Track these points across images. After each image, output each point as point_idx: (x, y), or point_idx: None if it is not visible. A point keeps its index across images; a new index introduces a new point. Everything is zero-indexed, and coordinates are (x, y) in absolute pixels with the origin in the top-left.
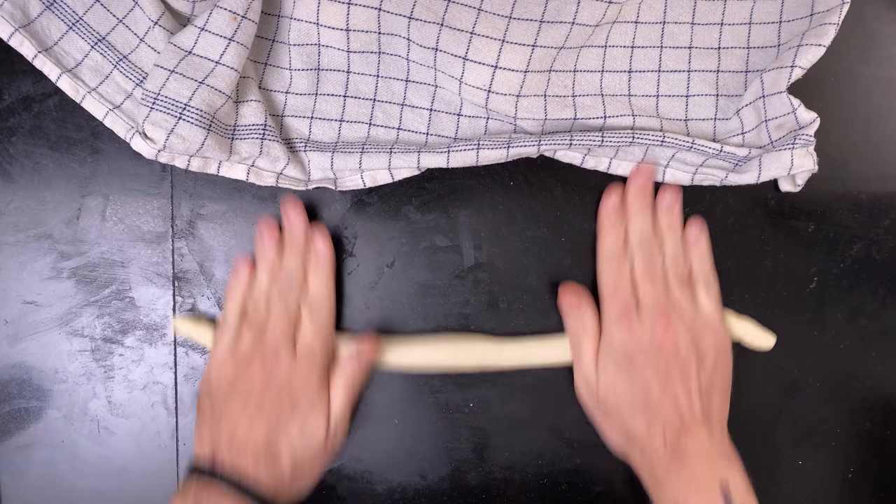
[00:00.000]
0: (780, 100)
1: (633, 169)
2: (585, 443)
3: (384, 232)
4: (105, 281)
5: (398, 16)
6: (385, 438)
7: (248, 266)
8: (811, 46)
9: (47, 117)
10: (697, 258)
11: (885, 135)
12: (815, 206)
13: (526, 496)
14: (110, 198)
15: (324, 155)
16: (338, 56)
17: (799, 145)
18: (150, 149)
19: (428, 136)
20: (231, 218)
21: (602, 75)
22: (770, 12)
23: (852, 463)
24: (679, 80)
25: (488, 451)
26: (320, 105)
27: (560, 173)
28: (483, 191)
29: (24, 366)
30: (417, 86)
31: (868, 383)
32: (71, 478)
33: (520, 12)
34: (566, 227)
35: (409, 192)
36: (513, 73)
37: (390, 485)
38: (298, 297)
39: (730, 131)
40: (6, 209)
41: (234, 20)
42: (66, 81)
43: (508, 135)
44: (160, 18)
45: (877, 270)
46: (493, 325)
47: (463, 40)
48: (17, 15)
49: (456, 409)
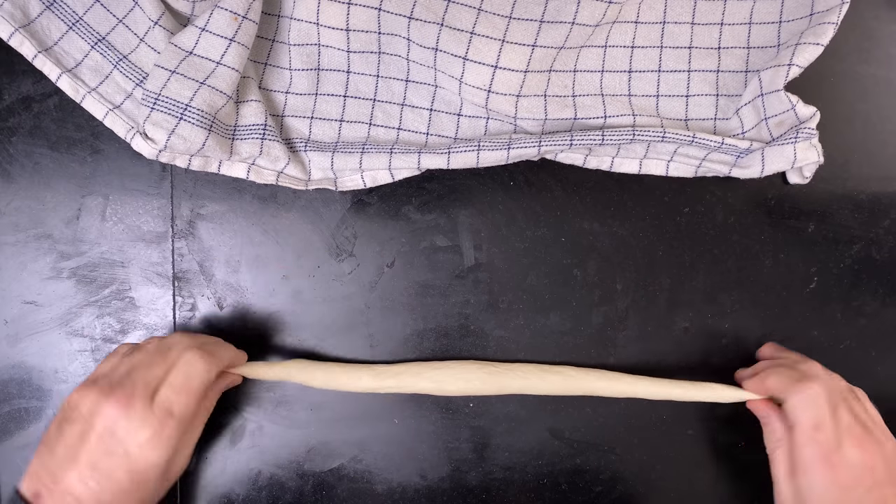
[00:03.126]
0: (779, 97)
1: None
2: (585, 443)
3: (384, 232)
4: (105, 281)
5: (398, 16)
6: (385, 438)
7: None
8: (809, 45)
9: (47, 117)
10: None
11: (885, 135)
12: (815, 206)
13: (526, 496)
14: (110, 198)
15: (324, 155)
16: (338, 56)
17: (801, 139)
18: (150, 149)
19: (428, 136)
20: (231, 218)
21: (602, 75)
22: (770, 12)
23: None
24: (679, 80)
25: (488, 451)
26: (320, 105)
27: (560, 173)
28: (483, 191)
29: (24, 366)
30: (417, 86)
31: (868, 383)
32: None
33: (520, 12)
34: (566, 227)
35: (409, 192)
36: (513, 73)
37: (390, 485)
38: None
39: (730, 131)
40: (6, 209)
41: (234, 20)
42: (66, 81)
43: (509, 135)
44: (160, 18)
45: (877, 270)
46: (493, 325)
47: (463, 40)
48: (17, 15)
49: (456, 409)
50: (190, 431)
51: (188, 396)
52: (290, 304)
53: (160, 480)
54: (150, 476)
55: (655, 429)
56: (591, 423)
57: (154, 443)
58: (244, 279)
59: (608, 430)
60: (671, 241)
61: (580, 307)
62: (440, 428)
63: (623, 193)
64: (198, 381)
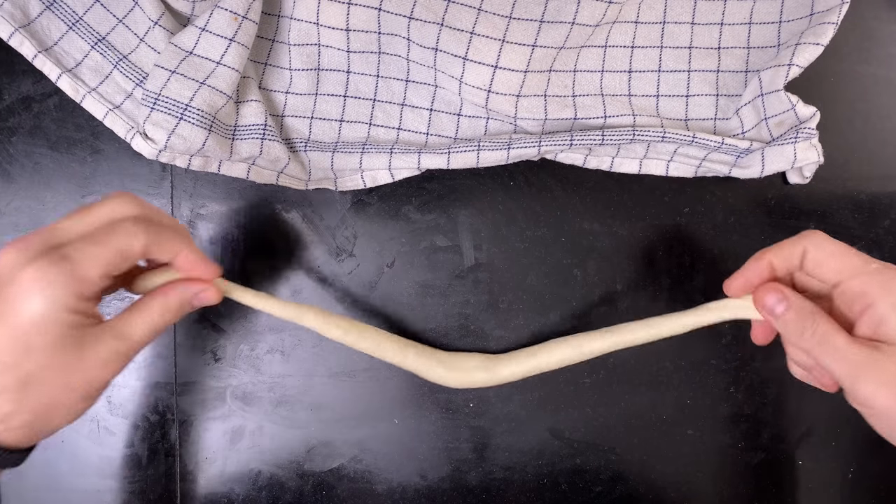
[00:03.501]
0: (779, 97)
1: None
2: (585, 443)
3: (384, 232)
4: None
5: (398, 16)
6: (385, 438)
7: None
8: (809, 45)
9: (47, 117)
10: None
11: (885, 135)
12: (815, 206)
13: (526, 496)
14: None
15: (324, 155)
16: (338, 56)
17: (801, 139)
18: (150, 149)
19: (428, 136)
20: (231, 218)
21: (602, 75)
22: (770, 12)
23: (852, 463)
24: (679, 80)
25: (488, 451)
26: (320, 105)
27: (560, 173)
28: (483, 191)
29: None
30: (417, 86)
31: None
32: (71, 478)
33: (520, 12)
34: (566, 227)
35: (409, 192)
36: (513, 73)
37: (390, 485)
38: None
39: (730, 131)
40: (6, 209)
41: (234, 20)
42: (66, 81)
43: (509, 135)
44: (160, 18)
45: None
46: (493, 325)
47: (463, 40)
48: (17, 15)
49: (456, 409)
50: (112, 334)
51: (96, 246)
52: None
53: (49, 355)
54: (34, 340)
55: (655, 429)
56: (591, 423)
57: (36, 286)
58: (244, 279)
59: (608, 430)
60: (671, 241)
61: (580, 307)
62: (440, 428)
63: (623, 193)
64: (115, 237)
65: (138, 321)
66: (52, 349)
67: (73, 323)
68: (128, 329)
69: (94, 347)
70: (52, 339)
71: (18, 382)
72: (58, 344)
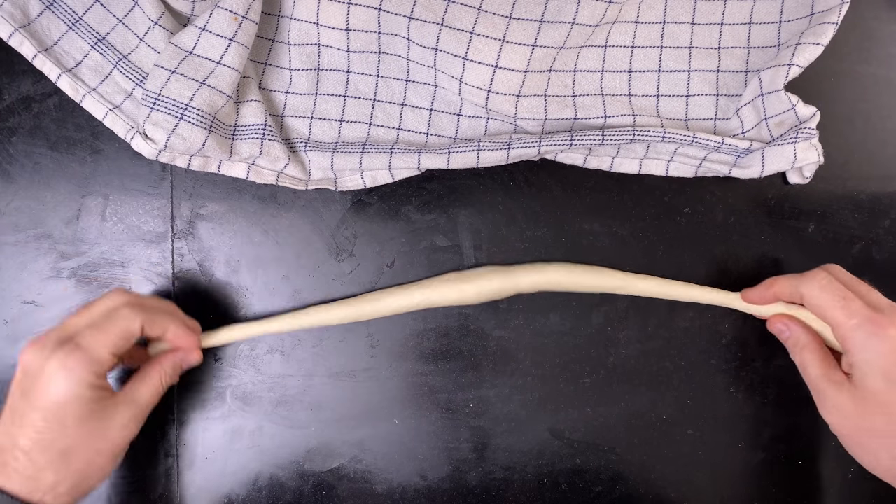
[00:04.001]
0: (779, 97)
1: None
2: (585, 443)
3: (384, 232)
4: (105, 281)
5: (398, 16)
6: (385, 438)
7: None
8: (809, 45)
9: (47, 117)
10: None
11: (885, 135)
12: (815, 206)
13: (526, 496)
14: (110, 198)
15: (324, 155)
16: (338, 56)
17: (801, 139)
18: (150, 149)
19: (428, 135)
20: (231, 218)
21: (602, 75)
22: (770, 12)
23: (852, 463)
24: (679, 80)
25: (488, 451)
26: (320, 105)
27: (560, 173)
28: (483, 191)
29: None
30: (417, 86)
31: None
32: None
33: (520, 12)
34: (566, 227)
35: (409, 192)
36: (513, 73)
37: (390, 485)
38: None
39: (730, 131)
40: (6, 209)
41: (234, 20)
42: (66, 81)
43: (509, 135)
44: (160, 18)
45: (877, 270)
46: (493, 325)
47: (463, 40)
48: (17, 15)
49: (456, 409)
50: (125, 402)
51: (102, 333)
52: (290, 304)
53: (80, 428)
54: (66, 418)
55: (655, 429)
56: (591, 423)
57: (60, 374)
58: (244, 279)
59: (608, 430)
60: (671, 241)
61: (580, 307)
62: (440, 428)
63: (623, 193)
64: (116, 323)
65: (144, 388)
66: (82, 422)
67: (95, 397)
68: (137, 396)
69: (114, 415)
70: (80, 413)
71: (60, 455)
72: (85, 416)
